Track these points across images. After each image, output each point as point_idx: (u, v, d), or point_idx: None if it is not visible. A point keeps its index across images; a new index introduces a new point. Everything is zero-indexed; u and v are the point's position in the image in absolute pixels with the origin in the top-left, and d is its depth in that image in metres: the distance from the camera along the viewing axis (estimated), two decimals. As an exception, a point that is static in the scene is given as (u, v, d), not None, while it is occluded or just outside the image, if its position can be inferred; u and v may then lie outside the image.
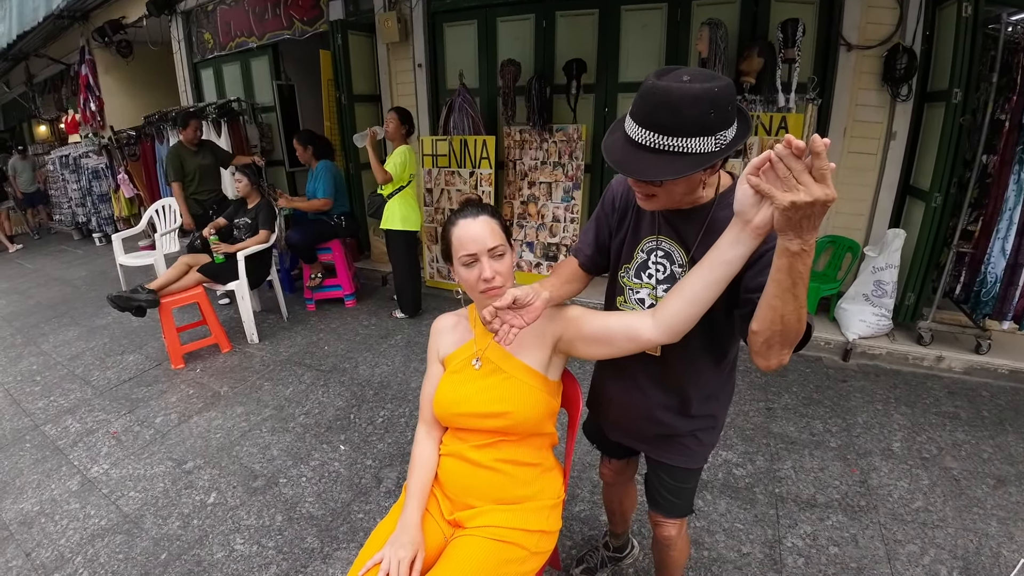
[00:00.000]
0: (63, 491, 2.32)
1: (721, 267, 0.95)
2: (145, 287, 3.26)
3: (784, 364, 0.94)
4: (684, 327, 1.01)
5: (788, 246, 0.82)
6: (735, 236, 0.92)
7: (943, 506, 2.10)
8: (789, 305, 0.86)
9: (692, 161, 0.90)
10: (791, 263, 0.83)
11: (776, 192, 0.80)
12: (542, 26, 4.15)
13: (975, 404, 2.81)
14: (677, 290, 1.01)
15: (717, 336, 1.13)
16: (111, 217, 7.30)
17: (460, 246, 1.17)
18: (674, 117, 0.88)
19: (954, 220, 3.04)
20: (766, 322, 0.90)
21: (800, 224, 0.79)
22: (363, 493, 2.23)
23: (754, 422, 2.65)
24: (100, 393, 3.13)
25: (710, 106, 0.86)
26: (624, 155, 0.95)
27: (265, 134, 6.01)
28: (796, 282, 0.84)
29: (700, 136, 0.88)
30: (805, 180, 0.77)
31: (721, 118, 0.88)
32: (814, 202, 0.76)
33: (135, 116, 6.90)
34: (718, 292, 0.97)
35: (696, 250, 1.08)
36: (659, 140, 0.90)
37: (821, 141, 0.73)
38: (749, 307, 0.95)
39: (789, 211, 0.78)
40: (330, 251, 4.31)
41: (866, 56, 3.23)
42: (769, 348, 0.92)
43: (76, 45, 7.26)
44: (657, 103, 0.89)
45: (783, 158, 0.78)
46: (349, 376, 3.24)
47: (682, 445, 1.26)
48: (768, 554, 1.89)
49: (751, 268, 0.97)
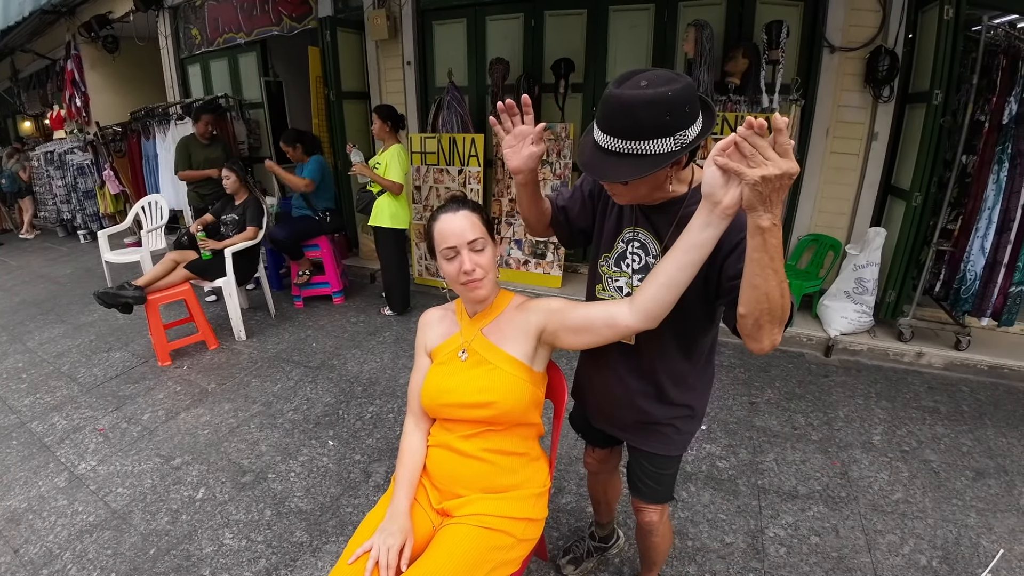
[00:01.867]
0: (51, 488, 2.30)
1: (693, 250, 0.98)
2: (132, 283, 3.24)
3: (776, 344, 0.96)
4: (661, 311, 1.05)
5: (759, 223, 0.86)
6: (705, 219, 0.95)
7: (923, 497, 2.15)
8: (771, 280, 0.89)
9: (652, 162, 0.94)
10: (765, 239, 0.86)
11: (745, 169, 0.84)
12: (531, 25, 4.18)
13: (954, 399, 2.88)
14: (652, 276, 1.05)
15: (687, 326, 1.17)
16: (96, 214, 7.21)
17: (441, 239, 1.22)
18: (631, 122, 0.93)
19: (934, 219, 3.10)
20: (751, 302, 0.92)
21: (770, 198, 0.84)
22: (352, 487, 2.24)
23: (737, 416, 2.70)
24: (87, 390, 3.11)
25: (665, 109, 0.91)
26: (591, 158, 1.01)
27: (252, 131, 5.97)
28: (773, 256, 0.87)
29: (658, 138, 0.93)
30: (771, 155, 0.82)
31: (678, 119, 0.92)
32: (782, 174, 0.81)
33: (121, 112, 6.83)
34: (691, 275, 1.00)
35: (669, 241, 1.11)
36: (620, 144, 0.95)
37: (782, 119, 0.79)
38: (733, 294, 0.98)
39: (760, 185, 0.82)
40: (318, 248, 4.30)
41: (849, 58, 3.29)
42: (759, 329, 0.95)
43: (62, 40, 7.19)
44: (615, 110, 0.94)
45: (747, 138, 0.83)
46: (337, 372, 3.24)
47: (661, 433, 1.30)
48: (751, 544, 1.93)
49: (728, 257, 1.01)
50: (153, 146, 6.07)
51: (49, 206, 7.74)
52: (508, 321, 1.26)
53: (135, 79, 7.34)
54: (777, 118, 0.78)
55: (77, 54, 6.98)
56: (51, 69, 8.21)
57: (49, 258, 6.62)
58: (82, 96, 7.07)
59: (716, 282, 1.05)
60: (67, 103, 7.27)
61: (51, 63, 8.07)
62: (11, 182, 7.95)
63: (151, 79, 7.01)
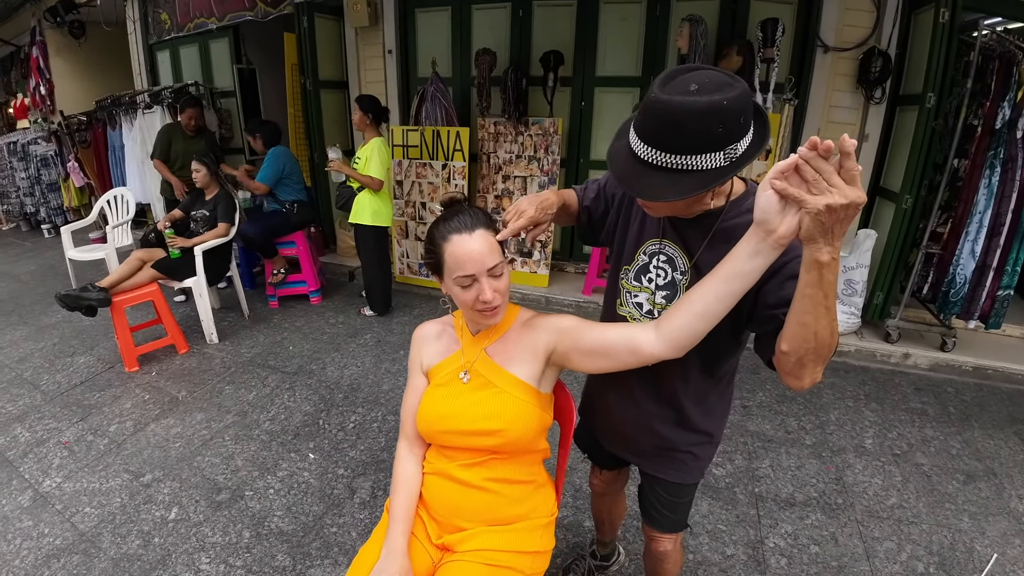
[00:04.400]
0: (14, 507, 2.13)
1: (736, 280, 0.87)
2: (96, 285, 3.04)
3: (817, 381, 0.88)
4: (690, 342, 0.95)
5: (818, 257, 0.76)
6: (754, 247, 0.84)
7: (916, 502, 2.15)
8: (822, 320, 0.80)
9: (699, 180, 0.83)
10: (822, 275, 0.76)
11: (807, 196, 0.74)
12: (519, 15, 4.06)
13: (941, 400, 2.89)
14: (685, 302, 0.95)
15: (715, 351, 1.07)
16: (61, 207, 6.85)
17: (456, 266, 1.05)
18: (678, 133, 0.81)
19: (924, 222, 3.11)
20: (798, 340, 0.83)
21: (832, 230, 0.74)
22: (336, 505, 2.13)
23: (731, 420, 2.66)
24: (50, 399, 2.91)
25: (718, 121, 0.80)
26: (628, 170, 0.89)
27: (224, 120, 5.71)
28: (828, 294, 0.78)
29: (707, 152, 0.82)
30: (836, 182, 0.72)
31: (731, 131, 0.81)
32: (849, 204, 0.71)
33: (87, 100, 6.50)
34: (730, 306, 0.90)
35: (700, 257, 1.02)
36: (663, 158, 0.84)
37: (850, 141, 0.69)
38: (774, 324, 0.89)
39: (823, 215, 0.73)
40: (294, 245, 4.12)
41: (842, 58, 3.27)
42: (802, 367, 0.86)
43: (27, 26, 6.81)
44: (660, 121, 0.82)
45: (810, 160, 0.73)
46: (316, 378, 3.10)
47: (678, 460, 1.21)
48: (752, 555, 1.89)
49: (769, 282, 0.91)
50: (120, 136, 5.76)
51: (12, 199, 7.32)
52: (514, 339, 1.16)
53: (102, 66, 6.99)
54: (846, 140, 0.69)
55: (42, 40, 6.63)
56: (15, 56, 7.84)
57: (12, 254, 6.27)
58: (47, 84, 6.72)
59: (751, 308, 0.95)
60: (31, 91, 6.91)
61: (15, 49, 7.70)
62: None
63: (118, 66, 6.68)
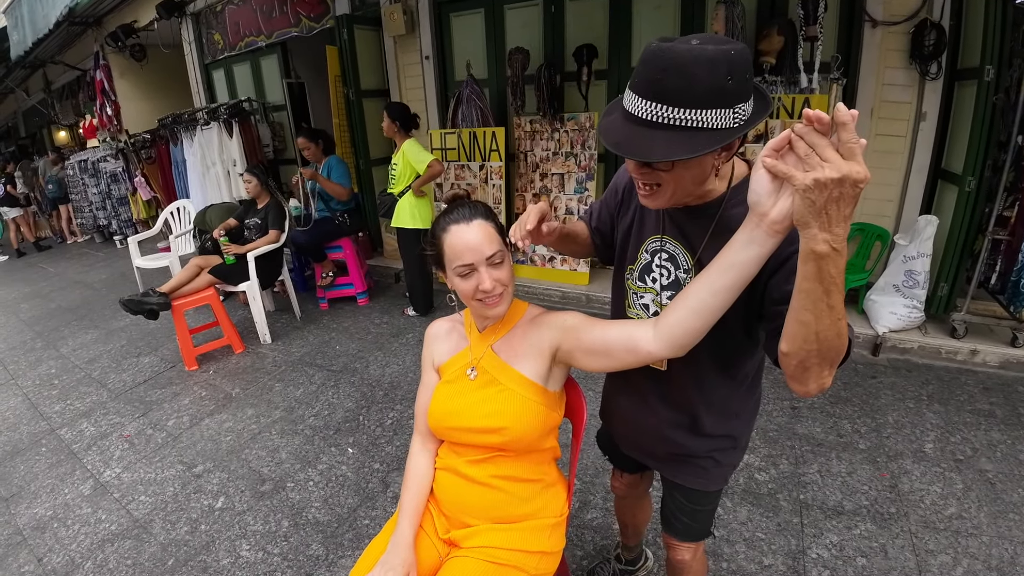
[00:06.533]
0: (76, 496, 2.33)
1: (732, 271, 0.81)
2: (156, 290, 3.26)
3: (825, 387, 0.79)
4: (689, 340, 0.90)
5: (814, 246, 0.67)
6: (748, 234, 0.78)
7: (977, 512, 1.97)
8: (824, 319, 0.71)
9: (709, 138, 0.74)
10: (820, 268, 0.68)
11: (795, 171, 0.67)
12: (550, 11, 4.03)
13: (1011, 401, 2.65)
14: (681, 298, 0.90)
15: (727, 351, 1.00)
16: (130, 219, 7.41)
17: (455, 256, 1.06)
18: (685, 83, 0.73)
19: (989, 205, 2.86)
20: (798, 341, 0.75)
21: (826, 211, 0.65)
22: (370, 498, 2.19)
23: (778, 423, 2.53)
24: (115, 396, 3.15)
25: (727, 70, 0.72)
26: (625, 135, 0.79)
27: (277, 133, 6.00)
28: (829, 290, 0.69)
29: (717, 108, 0.74)
30: (829, 155, 0.64)
31: (739, 87, 0.74)
32: (842, 179, 0.63)
33: (151, 119, 6.96)
34: (729, 301, 0.84)
35: (703, 253, 0.95)
36: (668, 112, 0.75)
37: (847, 111, 0.61)
38: (778, 321, 0.80)
39: (812, 192, 0.65)
40: (341, 249, 4.27)
41: (892, 32, 3.05)
42: (805, 371, 0.78)
43: (91, 51, 7.36)
44: (663, 67, 0.73)
45: (804, 135, 0.66)
46: (360, 376, 3.20)
47: (698, 466, 1.14)
48: (791, 566, 1.79)
49: (776, 274, 0.83)
50: (181, 151, 6.16)
51: (86, 213, 8.00)
52: (521, 336, 1.15)
53: (163, 86, 7.47)
54: (841, 110, 0.61)
55: (106, 64, 7.13)
56: (82, 79, 8.41)
57: (85, 264, 6.83)
58: (112, 105, 7.23)
59: (759, 303, 0.88)
60: (98, 112, 7.45)
61: (81, 73, 8.27)
62: (57, 187, 8.24)
63: (178, 85, 7.12)
